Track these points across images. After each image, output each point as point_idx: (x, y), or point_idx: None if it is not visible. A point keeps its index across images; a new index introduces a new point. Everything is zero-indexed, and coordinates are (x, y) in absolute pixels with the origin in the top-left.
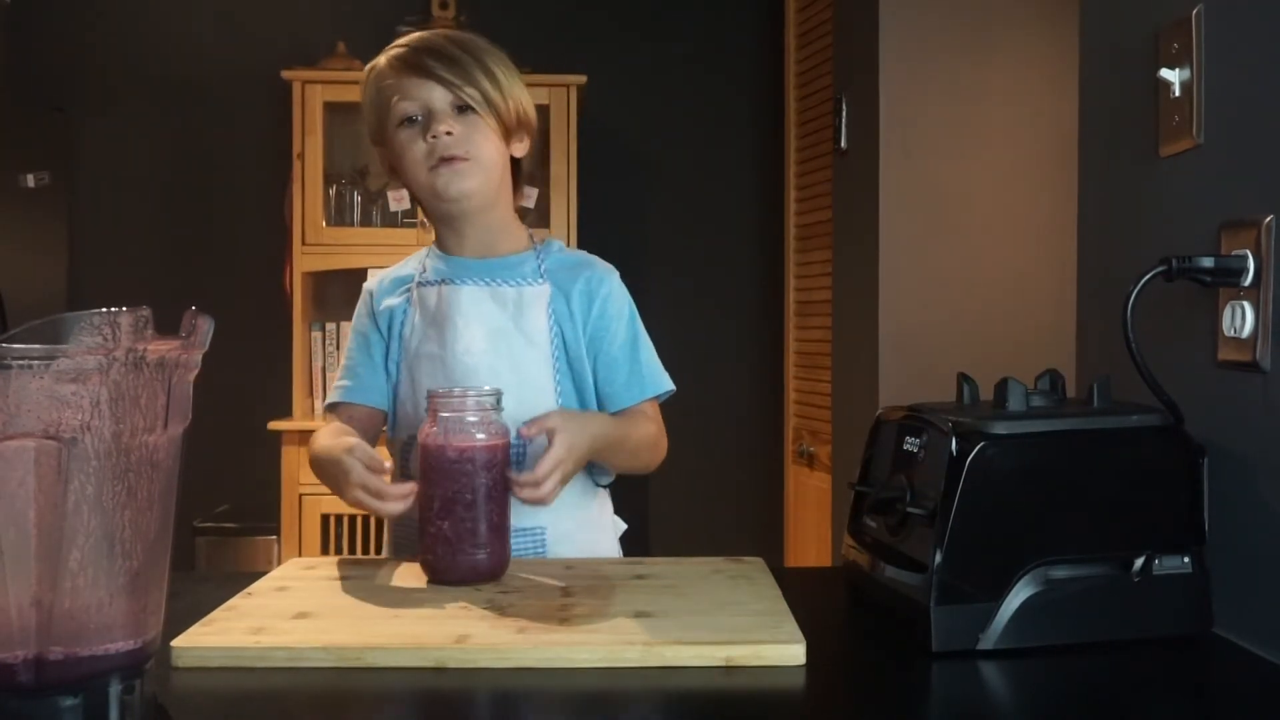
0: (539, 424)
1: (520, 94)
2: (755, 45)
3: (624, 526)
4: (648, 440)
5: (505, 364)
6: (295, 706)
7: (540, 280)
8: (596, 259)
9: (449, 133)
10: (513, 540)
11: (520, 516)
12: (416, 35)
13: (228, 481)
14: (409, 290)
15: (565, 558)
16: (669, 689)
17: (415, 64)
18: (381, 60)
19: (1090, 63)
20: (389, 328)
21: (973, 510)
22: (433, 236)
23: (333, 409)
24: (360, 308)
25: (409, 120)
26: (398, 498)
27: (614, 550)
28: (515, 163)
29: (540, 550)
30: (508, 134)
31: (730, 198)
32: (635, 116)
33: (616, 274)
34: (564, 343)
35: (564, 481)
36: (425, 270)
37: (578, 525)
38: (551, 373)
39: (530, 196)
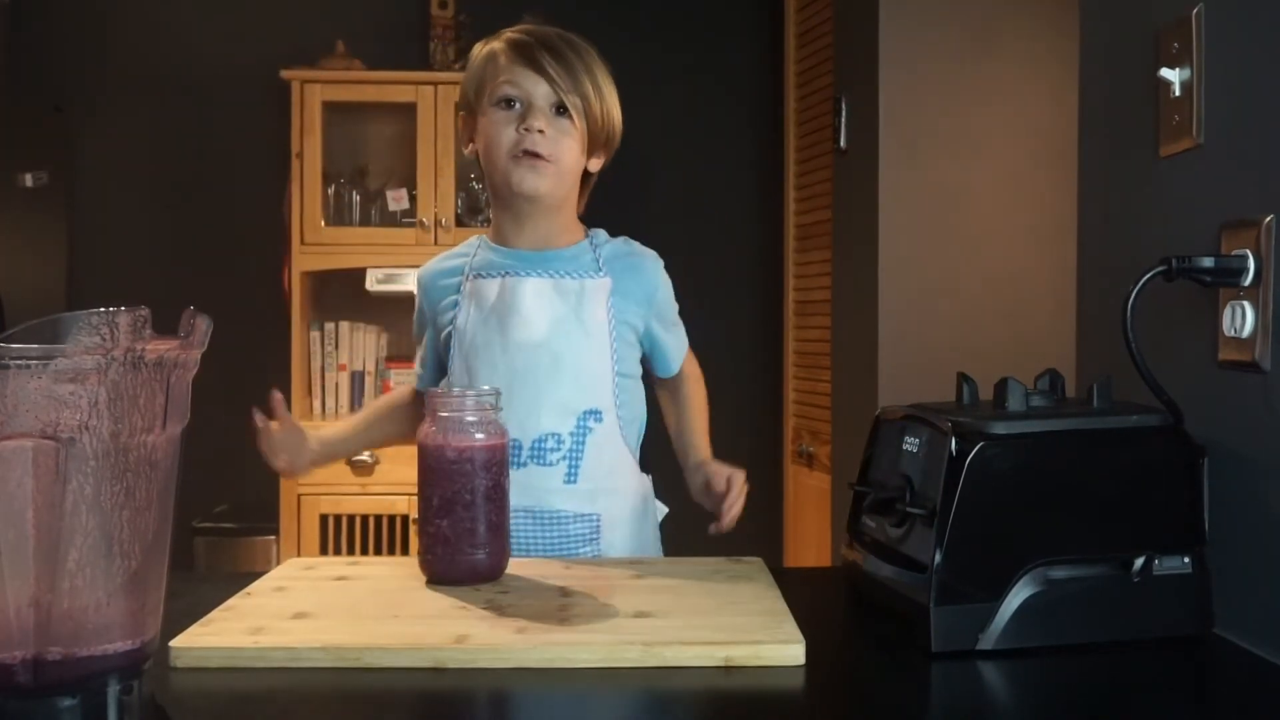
0: (723, 476)
1: (615, 111)
2: (755, 45)
3: (665, 510)
4: (705, 400)
5: (567, 354)
6: (294, 707)
7: (600, 273)
8: (642, 250)
9: (541, 130)
10: (569, 527)
11: (577, 504)
12: (536, 27)
13: (226, 481)
14: (461, 281)
15: (615, 543)
16: (668, 689)
17: (529, 54)
18: (497, 43)
19: (1090, 62)
20: (437, 317)
21: (972, 510)
22: (432, 236)
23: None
24: (417, 299)
25: (506, 102)
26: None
27: (657, 535)
28: (586, 173)
29: (595, 537)
30: (592, 146)
31: (730, 198)
32: (635, 116)
33: (660, 261)
34: (621, 333)
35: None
36: (478, 262)
37: (630, 512)
38: (610, 363)
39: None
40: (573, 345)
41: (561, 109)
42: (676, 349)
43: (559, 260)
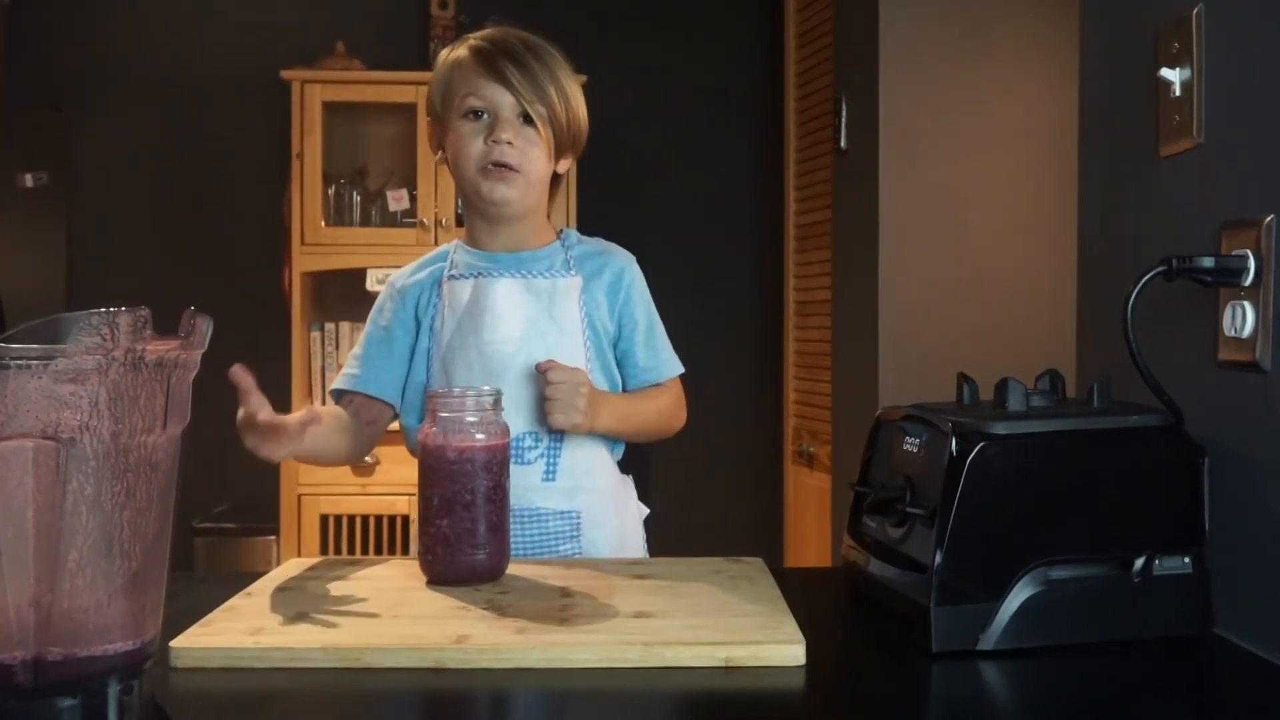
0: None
1: (581, 113)
2: (755, 45)
3: (646, 511)
4: (658, 412)
5: (540, 353)
6: (294, 707)
7: (571, 272)
8: (615, 247)
9: (509, 142)
10: (549, 524)
11: (557, 501)
12: (499, 32)
13: (227, 481)
14: (437, 284)
15: (597, 541)
16: (668, 689)
17: (493, 65)
18: (462, 50)
19: (1090, 62)
20: (417, 321)
21: (973, 510)
22: (432, 236)
23: (337, 397)
24: (384, 301)
25: (474, 114)
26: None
27: (639, 534)
28: (554, 175)
29: (575, 534)
30: (559, 150)
31: (730, 198)
32: (635, 116)
33: (634, 261)
34: (594, 331)
35: (570, 415)
36: (454, 265)
37: (610, 510)
38: (584, 361)
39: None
40: (546, 344)
41: (528, 118)
42: (641, 367)
43: (532, 261)
